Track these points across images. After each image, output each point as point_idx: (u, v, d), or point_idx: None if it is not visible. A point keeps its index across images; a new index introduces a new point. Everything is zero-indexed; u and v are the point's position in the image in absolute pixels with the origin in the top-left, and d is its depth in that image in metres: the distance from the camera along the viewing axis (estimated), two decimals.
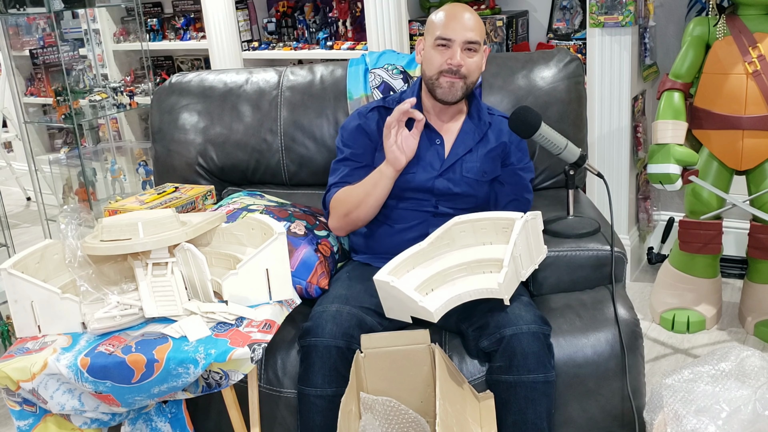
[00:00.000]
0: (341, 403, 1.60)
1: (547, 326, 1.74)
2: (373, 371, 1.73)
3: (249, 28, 3.81)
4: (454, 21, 1.92)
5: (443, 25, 1.93)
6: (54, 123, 4.32)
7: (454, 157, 2.01)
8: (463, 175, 2.01)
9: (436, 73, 1.95)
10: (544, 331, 1.72)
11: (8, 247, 3.01)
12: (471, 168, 2.01)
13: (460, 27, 1.92)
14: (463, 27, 1.93)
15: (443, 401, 1.52)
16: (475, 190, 2.02)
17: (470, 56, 1.94)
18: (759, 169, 2.48)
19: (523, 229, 1.76)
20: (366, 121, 2.06)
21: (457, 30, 1.92)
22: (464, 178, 2.01)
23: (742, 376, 1.75)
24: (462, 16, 1.94)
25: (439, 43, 1.93)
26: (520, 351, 1.67)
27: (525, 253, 1.77)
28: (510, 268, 1.69)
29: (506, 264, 1.69)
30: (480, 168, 2.02)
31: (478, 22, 1.96)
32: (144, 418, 1.78)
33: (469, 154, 2.02)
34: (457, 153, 2.02)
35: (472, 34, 1.93)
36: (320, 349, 1.73)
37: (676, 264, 2.72)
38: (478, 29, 1.95)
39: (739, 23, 2.41)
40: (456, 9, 1.95)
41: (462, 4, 1.99)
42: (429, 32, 1.98)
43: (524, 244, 1.77)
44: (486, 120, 2.05)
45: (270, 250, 1.71)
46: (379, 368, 1.73)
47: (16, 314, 1.70)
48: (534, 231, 1.83)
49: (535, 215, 1.85)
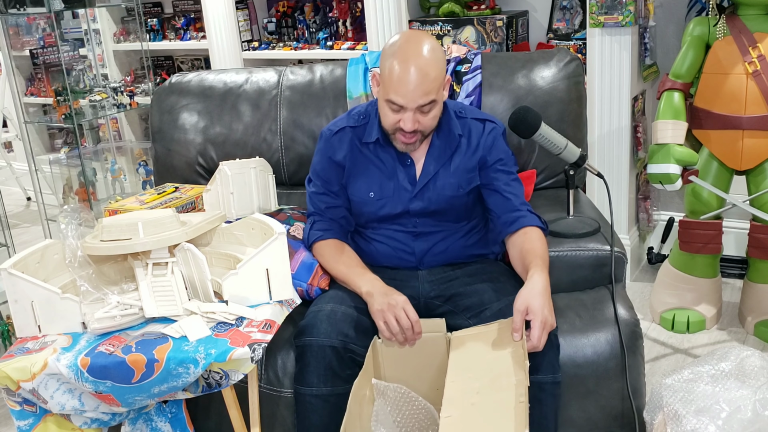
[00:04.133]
0: (354, 386, 1.62)
1: (556, 327, 1.74)
2: (389, 357, 1.74)
3: (249, 28, 3.81)
4: (404, 86, 1.74)
5: (393, 89, 1.75)
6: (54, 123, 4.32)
7: (427, 177, 1.92)
8: (439, 192, 1.92)
9: (390, 130, 1.85)
10: (553, 332, 1.72)
11: (8, 247, 3.01)
12: (445, 185, 1.92)
13: (411, 93, 1.74)
14: (415, 93, 1.74)
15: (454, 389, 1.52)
16: (452, 205, 1.93)
17: (425, 114, 1.79)
18: (759, 169, 2.48)
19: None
20: (331, 149, 1.96)
21: (408, 96, 1.75)
22: (440, 195, 1.92)
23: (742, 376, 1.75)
24: (414, 79, 1.73)
25: (392, 106, 1.79)
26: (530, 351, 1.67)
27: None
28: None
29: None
30: (456, 183, 1.92)
31: (433, 76, 1.75)
32: (144, 418, 1.78)
33: (441, 170, 1.92)
34: (428, 172, 1.92)
35: (425, 98, 1.75)
36: (315, 348, 1.74)
37: (676, 264, 2.72)
38: (432, 86, 1.75)
39: (739, 23, 2.41)
40: (408, 69, 1.73)
41: (422, 51, 1.74)
42: (382, 83, 1.81)
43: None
44: (456, 132, 1.92)
45: (270, 250, 1.71)
46: (396, 355, 1.74)
47: (16, 314, 1.70)
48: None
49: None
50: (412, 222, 1.95)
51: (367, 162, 1.95)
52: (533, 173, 2.29)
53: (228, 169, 2.15)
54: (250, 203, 2.20)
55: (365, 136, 1.94)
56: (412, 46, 1.76)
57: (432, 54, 1.76)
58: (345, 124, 1.98)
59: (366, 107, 2.01)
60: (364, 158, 1.95)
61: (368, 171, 1.95)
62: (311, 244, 1.96)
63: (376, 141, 1.92)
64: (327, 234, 1.95)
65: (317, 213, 1.99)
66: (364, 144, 1.94)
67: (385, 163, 1.93)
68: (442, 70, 1.79)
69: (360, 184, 1.95)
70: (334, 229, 1.96)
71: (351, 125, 1.97)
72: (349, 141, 1.95)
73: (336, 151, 1.96)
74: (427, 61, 1.75)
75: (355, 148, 1.95)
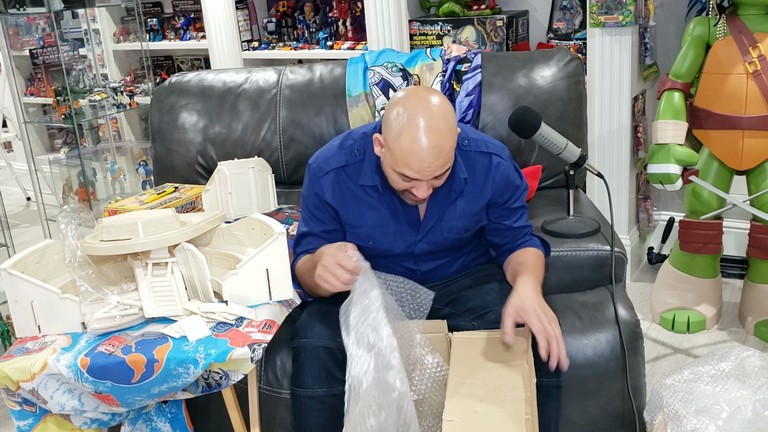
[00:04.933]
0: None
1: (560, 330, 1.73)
2: None
3: (249, 28, 3.81)
4: (418, 163, 1.57)
5: (405, 165, 1.58)
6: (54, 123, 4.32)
7: (431, 221, 1.79)
8: (445, 236, 1.81)
9: (400, 191, 1.69)
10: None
11: (8, 247, 3.01)
12: (451, 228, 1.80)
13: (426, 169, 1.58)
14: (431, 167, 1.58)
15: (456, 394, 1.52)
16: (458, 245, 1.86)
17: (439, 179, 1.64)
18: (759, 169, 2.48)
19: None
20: (321, 189, 1.78)
21: (423, 172, 1.58)
22: (446, 239, 1.82)
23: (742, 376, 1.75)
24: (429, 156, 1.56)
25: (404, 178, 1.63)
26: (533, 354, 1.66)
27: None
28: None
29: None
30: (462, 227, 1.81)
31: (449, 147, 1.58)
32: (144, 418, 1.78)
33: (446, 213, 1.79)
34: (433, 216, 1.78)
35: (441, 170, 1.60)
36: (309, 349, 1.74)
37: (676, 264, 2.72)
38: (449, 156, 1.59)
39: (739, 23, 2.41)
40: (422, 146, 1.55)
41: (431, 129, 1.55)
42: (391, 155, 1.61)
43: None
44: (461, 176, 1.75)
45: (270, 250, 1.71)
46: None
47: (16, 314, 1.70)
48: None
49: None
50: (414, 259, 1.86)
51: (363, 207, 1.78)
52: (539, 168, 2.29)
53: (226, 169, 2.15)
54: (248, 203, 2.20)
55: (361, 178, 1.76)
56: (422, 114, 1.56)
57: (446, 122, 1.58)
58: (337, 164, 1.77)
59: (362, 139, 1.78)
60: (359, 202, 1.78)
61: (366, 218, 1.79)
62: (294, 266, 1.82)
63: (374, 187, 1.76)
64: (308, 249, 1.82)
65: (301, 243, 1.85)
66: (359, 186, 1.77)
67: (387, 206, 1.78)
68: (455, 133, 1.61)
69: (357, 232, 1.81)
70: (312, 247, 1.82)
71: (343, 165, 1.77)
72: (342, 184, 1.77)
73: (325, 194, 1.78)
74: (442, 132, 1.56)
75: (348, 191, 1.78)
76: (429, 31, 3.23)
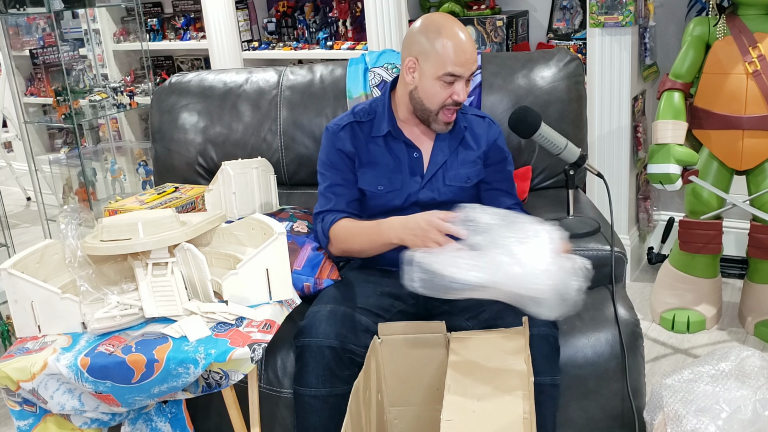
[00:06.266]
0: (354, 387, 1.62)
1: (556, 329, 1.74)
2: (389, 357, 1.74)
3: (249, 28, 3.81)
4: (463, 55, 1.83)
5: (453, 61, 1.83)
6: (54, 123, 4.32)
7: (435, 167, 1.96)
8: (446, 183, 1.97)
9: (437, 108, 1.89)
10: (553, 333, 1.72)
11: (8, 247, 3.01)
12: (454, 176, 1.97)
13: (469, 61, 1.85)
14: (472, 60, 1.85)
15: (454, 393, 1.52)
16: (460, 197, 1.95)
17: (468, 84, 1.90)
18: (759, 169, 2.48)
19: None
20: (340, 141, 1.97)
21: (466, 65, 1.84)
22: (448, 186, 1.97)
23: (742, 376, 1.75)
24: (469, 46, 1.84)
25: (447, 80, 1.84)
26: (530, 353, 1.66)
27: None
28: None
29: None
30: (464, 174, 1.98)
31: (476, 46, 1.92)
32: (144, 418, 1.78)
33: (449, 161, 1.97)
34: (437, 162, 1.97)
35: (476, 64, 1.88)
36: (313, 349, 1.74)
37: (676, 264, 2.72)
38: (476, 53, 1.89)
39: (739, 23, 2.41)
40: (461, 39, 1.84)
41: (459, 24, 1.88)
42: (432, 62, 1.85)
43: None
44: (461, 125, 1.99)
45: (270, 250, 1.71)
46: (396, 354, 1.73)
47: (16, 314, 1.70)
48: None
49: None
50: (419, 209, 1.90)
51: (377, 155, 1.96)
52: (528, 170, 2.29)
53: (230, 169, 2.15)
54: (252, 203, 2.20)
55: (374, 130, 1.96)
56: (449, 21, 1.86)
57: (469, 33, 1.89)
58: (350, 120, 1.99)
59: (370, 104, 2.02)
60: (372, 152, 1.97)
61: (377, 164, 1.96)
62: (329, 229, 1.93)
63: (387, 134, 1.95)
64: (338, 215, 1.94)
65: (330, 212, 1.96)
66: (372, 138, 1.96)
67: (395, 155, 1.96)
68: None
69: (368, 177, 1.96)
70: (343, 208, 1.96)
71: (356, 120, 1.99)
72: (356, 135, 1.97)
73: (345, 144, 1.97)
74: (467, 30, 1.87)
75: (362, 143, 1.97)
76: None
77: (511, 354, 1.62)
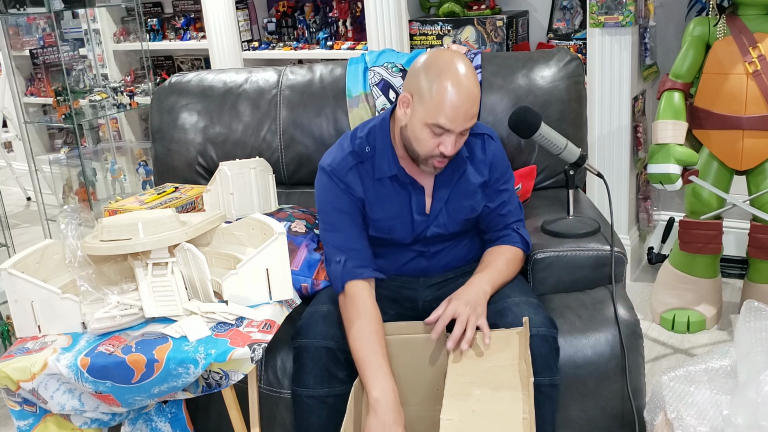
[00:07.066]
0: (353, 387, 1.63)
1: (555, 329, 1.74)
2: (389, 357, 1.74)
3: (249, 28, 3.81)
4: (457, 110, 1.65)
5: (444, 113, 1.64)
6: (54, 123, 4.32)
7: (439, 204, 1.84)
8: (453, 217, 1.86)
9: (424, 155, 1.72)
10: (552, 334, 1.71)
11: (8, 247, 3.01)
12: (458, 209, 1.85)
13: (462, 117, 1.66)
14: (468, 115, 1.67)
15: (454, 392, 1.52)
16: (465, 227, 1.90)
17: (462, 137, 1.72)
18: (759, 169, 2.48)
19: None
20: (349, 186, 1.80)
21: (458, 120, 1.66)
22: (455, 220, 1.86)
23: None
24: (466, 102, 1.65)
25: (435, 130, 1.67)
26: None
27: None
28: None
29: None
30: (468, 206, 1.86)
31: (479, 97, 1.70)
32: (144, 418, 1.78)
33: (452, 195, 1.84)
34: (440, 198, 1.84)
35: (471, 121, 1.69)
36: (311, 349, 1.74)
37: (676, 264, 2.72)
38: (476, 108, 1.69)
39: (739, 23, 2.41)
40: (460, 92, 1.64)
41: (466, 70, 1.66)
42: (425, 106, 1.66)
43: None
44: (463, 155, 1.82)
45: (270, 250, 1.71)
46: (395, 354, 1.74)
47: (16, 314, 1.70)
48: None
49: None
50: (425, 242, 1.89)
51: (382, 196, 1.82)
52: (533, 169, 2.29)
53: (228, 170, 2.15)
54: (250, 203, 2.20)
55: (377, 171, 1.80)
56: (454, 65, 1.65)
57: (474, 74, 1.68)
58: (354, 161, 1.81)
59: (367, 136, 1.83)
60: (378, 192, 1.82)
61: (384, 206, 1.82)
62: (344, 282, 1.77)
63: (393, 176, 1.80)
64: (365, 271, 1.78)
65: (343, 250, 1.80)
66: (377, 179, 1.81)
67: (401, 195, 1.82)
68: (480, 97, 1.73)
69: (375, 217, 1.83)
70: (367, 263, 1.80)
71: (360, 161, 1.81)
72: (362, 177, 1.81)
73: (356, 188, 1.80)
74: (474, 81, 1.67)
75: (369, 184, 1.82)
76: (429, 31, 3.23)
77: (510, 354, 1.62)
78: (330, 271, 1.80)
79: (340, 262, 1.78)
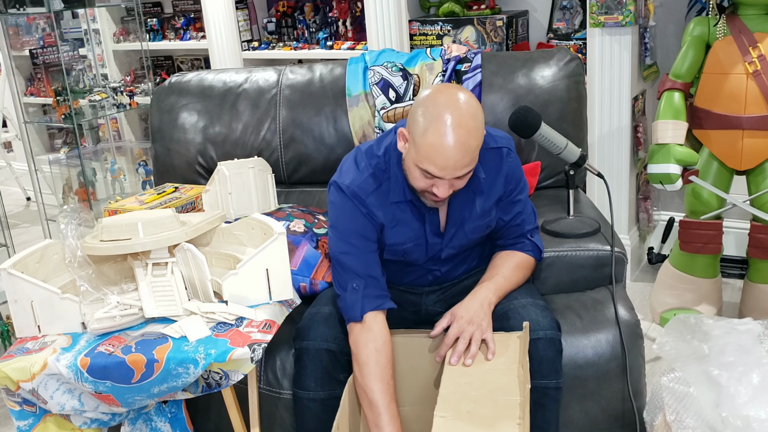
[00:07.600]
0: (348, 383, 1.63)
1: (560, 332, 1.74)
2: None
3: (249, 28, 3.81)
4: (443, 160, 1.55)
5: (430, 161, 1.56)
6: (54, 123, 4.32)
7: (455, 225, 1.78)
8: (468, 237, 1.81)
9: (420, 191, 1.68)
10: (558, 337, 1.71)
11: (8, 247, 3.01)
12: (474, 228, 1.80)
13: (450, 167, 1.56)
14: (455, 166, 1.57)
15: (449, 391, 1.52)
16: (481, 242, 1.88)
17: (460, 179, 1.63)
18: (759, 169, 2.47)
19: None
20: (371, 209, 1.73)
21: (446, 170, 1.57)
22: (470, 240, 1.82)
23: None
24: (455, 153, 1.55)
25: (426, 175, 1.60)
26: (536, 356, 1.66)
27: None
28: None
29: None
30: (484, 225, 1.81)
31: (475, 145, 1.57)
32: (144, 418, 1.78)
33: (467, 215, 1.78)
34: (455, 220, 1.78)
35: (464, 170, 1.59)
36: (311, 352, 1.74)
37: (676, 264, 2.71)
38: (473, 156, 1.58)
39: (739, 23, 2.41)
40: (449, 142, 1.54)
41: (462, 118, 1.55)
42: (416, 148, 1.59)
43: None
44: (480, 177, 1.75)
45: (270, 250, 1.71)
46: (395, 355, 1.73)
47: (16, 314, 1.70)
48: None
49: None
50: (439, 262, 1.86)
51: (398, 219, 1.77)
52: (537, 165, 2.29)
53: (226, 170, 2.15)
54: (249, 203, 2.20)
55: (392, 194, 1.74)
56: (449, 110, 1.55)
57: (474, 120, 1.57)
58: (374, 185, 1.74)
59: (384, 156, 1.75)
60: (395, 215, 1.77)
61: (401, 230, 1.78)
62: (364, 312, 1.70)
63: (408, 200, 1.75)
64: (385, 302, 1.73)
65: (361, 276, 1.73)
66: (392, 204, 1.75)
67: (416, 218, 1.77)
68: (482, 133, 1.60)
69: (392, 240, 1.78)
70: (386, 292, 1.75)
71: (380, 185, 1.74)
72: (381, 199, 1.74)
73: (377, 211, 1.74)
74: (470, 130, 1.55)
75: (387, 207, 1.76)
76: (429, 31, 3.23)
77: (509, 358, 1.62)
78: (345, 297, 1.73)
79: (357, 290, 1.71)
